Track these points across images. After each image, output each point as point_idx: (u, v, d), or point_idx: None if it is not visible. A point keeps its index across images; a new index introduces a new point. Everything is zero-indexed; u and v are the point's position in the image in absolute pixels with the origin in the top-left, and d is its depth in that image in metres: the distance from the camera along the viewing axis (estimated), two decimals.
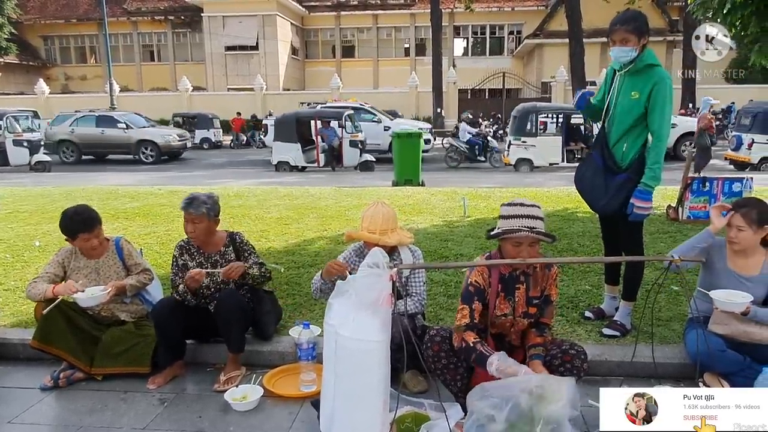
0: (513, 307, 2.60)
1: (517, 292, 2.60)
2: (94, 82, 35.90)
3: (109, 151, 18.27)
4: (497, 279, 2.59)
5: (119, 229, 6.58)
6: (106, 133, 17.74)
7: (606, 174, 3.41)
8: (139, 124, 18.43)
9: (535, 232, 2.43)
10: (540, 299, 2.63)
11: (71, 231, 3.23)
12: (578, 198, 8.05)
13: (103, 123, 17.93)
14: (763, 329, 2.86)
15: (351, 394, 2.20)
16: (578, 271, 4.60)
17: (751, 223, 2.86)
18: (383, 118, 17.65)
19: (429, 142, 17.34)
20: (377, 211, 3.04)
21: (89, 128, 17.82)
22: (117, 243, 3.43)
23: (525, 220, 2.46)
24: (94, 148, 18.13)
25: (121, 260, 3.41)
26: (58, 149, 17.76)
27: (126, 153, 17.89)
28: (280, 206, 7.94)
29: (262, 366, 3.33)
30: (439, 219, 6.84)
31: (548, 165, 13.65)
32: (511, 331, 2.65)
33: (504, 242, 2.53)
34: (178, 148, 18.67)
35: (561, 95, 26.85)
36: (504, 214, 2.53)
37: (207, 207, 3.25)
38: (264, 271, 3.38)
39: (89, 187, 10.43)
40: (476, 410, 2.27)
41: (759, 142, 12.69)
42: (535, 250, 2.49)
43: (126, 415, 2.88)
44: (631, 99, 3.29)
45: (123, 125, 17.78)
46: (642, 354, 3.01)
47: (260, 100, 28.50)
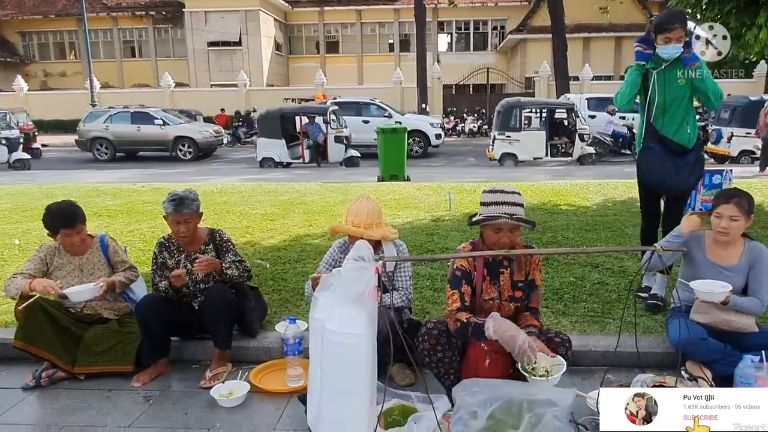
0: (499, 291, 2.66)
1: (501, 276, 2.66)
2: (74, 79, 35.27)
3: (146, 148, 17.74)
4: (482, 264, 2.64)
5: (101, 226, 6.49)
6: (142, 130, 17.19)
7: (674, 158, 3.63)
8: (175, 120, 17.94)
9: (514, 219, 2.48)
10: (525, 283, 2.69)
11: (53, 226, 3.18)
12: (562, 192, 8.17)
13: (138, 119, 17.36)
14: (743, 317, 2.92)
15: (338, 388, 2.20)
16: (563, 264, 4.64)
17: (744, 212, 2.90)
18: (394, 113, 17.44)
19: (440, 137, 17.26)
20: (362, 205, 3.03)
21: (125, 125, 17.28)
22: (102, 240, 3.39)
23: (504, 207, 2.51)
24: (129, 145, 17.58)
25: (106, 257, 3.37)
26: (91, 147, 17.29)
27: (163, 150, 17.36)
28: (265, 202, 7.89)
29: (249, 362, 3.31)
30: (425, 213, 6.85)
31: (533, 159, 13.73)
32: None
33: (485, 228, 2.59)
34: (215, 145, 18.24)
35: (544, 90, 26.99)
36: (484, 200, 2.58)
37: (196, 204, 3.23)
38: (243, 271, 3.34)
39: (70, 184, 10.27)
40: (463, 405, 2.29)
41: (738, 135, 12.89)
42: (515, 236, 2.55)
43: (110, 413, 2.84)
44: (679, 85, 3.52)
45: (160, 121, 17.25)
46: (625, 344, 3.04)
47: (244, 97, 28.24)
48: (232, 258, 3.35)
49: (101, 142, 17.35)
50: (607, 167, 13.03)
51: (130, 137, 17.31)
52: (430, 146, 17.00)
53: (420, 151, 16.74)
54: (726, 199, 2.94)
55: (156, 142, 17.35)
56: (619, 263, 4.61)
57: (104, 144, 17.34)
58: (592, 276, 4.35)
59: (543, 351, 2.46)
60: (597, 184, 8.81)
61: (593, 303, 3.83)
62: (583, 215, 6.56)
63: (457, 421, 2.25)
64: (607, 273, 4.41)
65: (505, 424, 2.22)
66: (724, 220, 2.92)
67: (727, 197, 2.95)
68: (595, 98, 16.91)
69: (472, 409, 2.26)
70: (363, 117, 17.09)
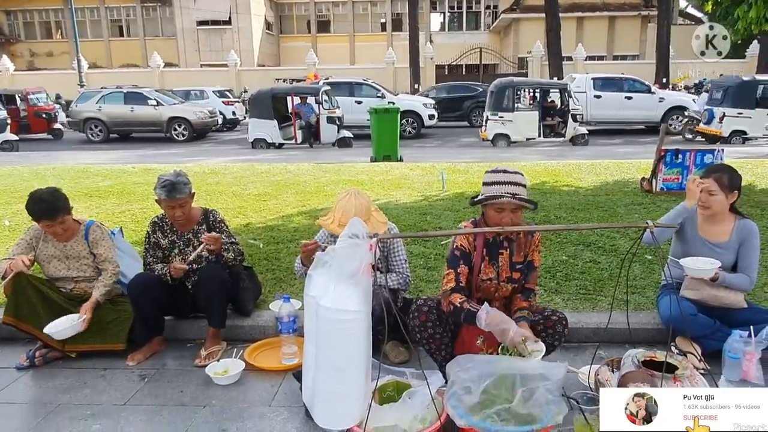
0: (497, 272, 2.66)
1: (500, 257, 2.66)
2: (61, 59, 34.69)
3: (139, 129, 17.45)
4: (482, 244, 2.64)
5: (92, 207, 6.45)
6: (135, 111, 16.88)
7: None
8: (168, 100, 17.62)
9: (517, 199, 2.47)
10: (523, 264, 2.69)
11: (34, 215, 3.13)
12: (555, 172, 8.18)
13: (132, 100, 17.03)
14: (732, 293, 2.96)
15: (333, 364, 2.20)
16: (555, 242, 4.67)
17: (723, 187, 2.92)
18: (387, 94, 17.21)
19: (433, 117, 17.05)
20: (350, 203, 2.95)
21: (118, 106, 16.96)
22: (87, 228, 3.31)
23: (507, 186, 2.50)
24: (123, 126, 17.28)
25: (89, 246, 3.32)
26: (84, 128, 17.00)
27: (157, 131, 17.09)
28: (258, 183, 7.85)
29: (243, 340, 3.33)
30: (418, 193, 6.85)
31: (525, 140, 13.71)
32: (495, 296, 2.70)
33: (487, 208, 2.58)
34: (209, 125, 17.99)
35: (537, 70, 26.87)
36: (487, 180, 2.57)
37: (188, 187, 3.19)
38: (237, 254, 3.33)
39: (60, 165, 10.16)
40: (457, 380, 2.31)
41: (729, 115, 12.92)
42: (517, 216, 2.54)
43: (106, 391, 2.85)
44: None
45: (153, 102, 16.94)
46: (617, 321, 3.07)
47: (234, 77, 27.93)
48: (225, 239, 3.33)
49: (94, 123, 17.06)
50: (599, 147, 13.04)
51: (123, 118, 17.03)
52: (423, 127, 16.92)
53: (413, 132, 16.64)
54: (707, 173, 3.00)
55: (150, 123, 17.06)
56: (611, 242, 4.64)
57: (98, 125, 17.07)
58: (585, 254, 4.38)
59: (529, 335, 2.47)
60: (590, 165, 8.83)
61: (585, 281, 3.87)
62: (576, 195, 6.59)
63: (451, 396, 2.28)
64: (599, 252, 4.44)
65: (498, 398, 2.24)
66: (703, 194, 2.97)
67: (710, 172, 3.00)
68: (601, 78, 16.73)
69: (465, 384, 2.29)
70: (356, 97, 16.88)
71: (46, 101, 17.94)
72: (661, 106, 15.84)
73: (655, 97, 16.00)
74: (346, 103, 16.07)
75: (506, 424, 2.15)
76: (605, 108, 15.91)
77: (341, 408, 2.22)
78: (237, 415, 2.60)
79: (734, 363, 2.75)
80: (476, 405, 2.22)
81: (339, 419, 2.23)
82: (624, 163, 9.00)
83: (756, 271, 3.00)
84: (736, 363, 2.75)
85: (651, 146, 8.63)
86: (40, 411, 2.68)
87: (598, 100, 15.96)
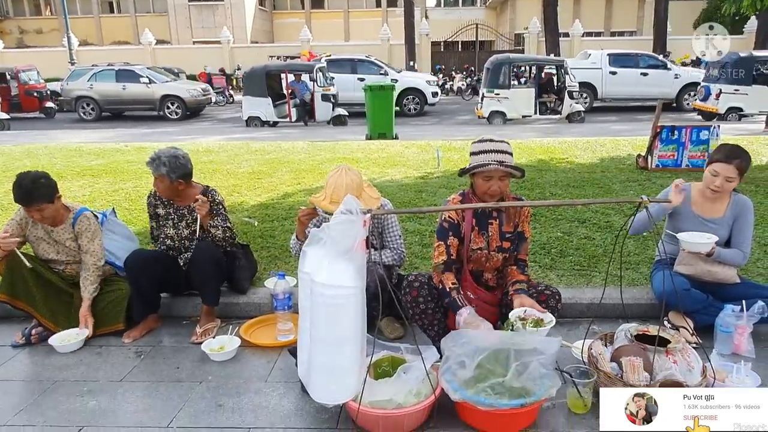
0: (487, 241, 2.67)
1: (490, 227, 2.68)
2: (51, 36, 34.14)
3: (132, 107, 17.22)
4: (471, 214, 2.66)
5: (85, 186, 6.41)
6: (128, 89, 16.63)
7: None
8: (161, 78, 17.36)
9: (504, 166, 2.48)
10: (513, 234, 2.71)
11: (15, 199, 3.07)
12: (550, 149, 8.16)
13: (123, 77, 16.77)
14: (726, 269, 2.98)
15: (328, 340, 2.21)
16: (550, 219, 4.68)
17: (741, 173, 2.88)
18: (390, 71, 16.93)
19: (437, 95, 16.85)
20: (340, 179, 2.89)
21: (109, 83, 16.70)
22: (76, 216, 3.22)
23: (493, 154, 2.51)
24: (115, 104, 17.03)
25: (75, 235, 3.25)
26: (76, 106, 16.76)
27: (150, 109, 16.91)
28: (252, 161, 7.81)
29: (239, 317, 3.34)
30: (414, 171, 6.83)
31: (521, 117, 13.64)
32: (486, 266, 2.71)
33: (475, 178, 2.60)
34: (203, 103, 17.75)
35: (534, 47, 26.63)
36: (474, 150, 2.59)
37: (166, 169, 3.14)
38: (228, 236, 3.31)
39: (51, 144, 10.06)
40: (452, 355, 2.33)
41: (726, 92, 12.86)
42: (505, 184, 2.56)
43: (102, 368, 2.86)
44: None
45: (146, 80, 16.70)
46: (610, 296, 3.09)
47: (227, 54, 27.58)
48: (221, 223, 3.32)
49: (86, 102, 16.83)
50: (595, 125, 13.00)
51: (115, 96, 16.79)
52: (426, 104, 16.65)
53: (416, 110, 16.40)
54: (728, 159, 2.86)
55: (142, 101, 16.86)
56: (606, 218, 4.65)
57: (90, 104, 16.83)
58: (579, 231, 4.39)
59: (533, 307, 2.50)
60: (585, 142, 8.81)
61: (580, 257, 3.88)
62: (571, 172, 6.58)
63: (446, 371, 2.30)
64: (593, 228, 4.45)
65: (492, 372, 2.26)
66: (719, 179, 2.89)
67: (729, 158, 2.87)
68: (617, 54, 16.45)
69: (460, 359, 2.30)
70: (358, 74, 16.56)
71: (37, 79, 17.67)
72: (677, 83, 15.75)
73: (671, 73, 15.86)
74: (348, 81, 15.84)
75: (500, 398, 2.17)
76: (621, 84, 15.75)
77: (337, 383, 2.24)
78: (233, 391, 2.61)
79: (726, 337, 2.78)
80: (471, 379, 2.25)
81: (334, 394, 2.25)
82: (620, 140, 8.98)
83: (749, 246, 3.01)
84: (728, 337, 2.78)
85: (647, 123, 8.61)
86: (36, 388, 2.69)
87: (613, 76, 15.80)
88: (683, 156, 6.58)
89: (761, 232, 4.23)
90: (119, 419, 2.42)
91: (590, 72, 15.66)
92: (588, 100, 15.81)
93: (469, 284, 2.68)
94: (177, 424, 2.36)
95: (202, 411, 2.46)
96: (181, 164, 3.20)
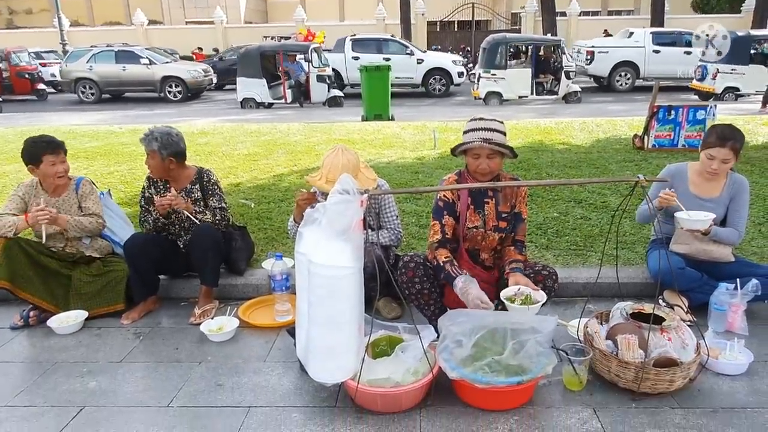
0: (483, 220, 2.68)
1: (486, 206, 2.68)
2: (41, 17, 33.61)
3: (132, 89, 16.95)
4: (467, 192, 2.66)
5: (80, 168, 6.37)
6: (128, 70, 16.40)
7: None
8: (161, 59, 17.11)
9: (490, 143, 2.48)
10: (510, 214, 2.71)
11: (34, 155, 3.09)
12: (547, 130, 8.14)
13: (123, 59, 16.53)
14: (721, 247, 3.00)
15: (326, 320, 2.22)
16: (547, 200, 4.69)
17: (736, 153, 2.89)
18: (416, 50, 16.72)
19: (462, 75, 16.58)
20: (337, 159, 2.90)
21: (109, 65, 16.45)
22: (78, 183, 3.30)
23: (481, 132, 2.52)
24: (115, 86, 16.67)
25: (78, 200, 3.28)
26: (75, 88, 16.51)
27: (151, 91, 16.66)
28: (248, 143, 7.77)
29: (237, 299, 3.35)
30: (410, 152, 6.81)
31: (518, 98, 13.58)
32: (483, 245, 2.71)
33: (467, 156, 2.61)
34: (204, 84, 17.49)
35: (531, 26, 26.39)
36: (465, 129, 2.60)
37: (158, 144, 3.13)
38: (221, 219, 3.29)
39: (44, 127, 9.97)
40: (449, 334, 2.34)
41: (723, 72, 12.81)
42: (495, 163, 2.55)
43: (101, 349, 2.87)
44: None
45: (146, 61, 16.45)
46: (606, 275, 3.11)
47: (221, 34, 27.23)
48: (215, 204, 3.30)
49: (86, 84, 16.59)
50: (592, 105, 12.96)
51: (115, 77, 16.53)
52: (452, 85, 16.40)
53: (442, 90, 16.22)
54: (722, 141, 2.87)
55: (143, 82, 16.60)
56: (602, 198, 4.66)
57: (89, 85, 16.58)
58: (576, 211, 4.40)
59: (528, 285, 2.50)
60: (582, 122, 8.79)
61: (576, 237, 3.90)
62: (568, 153, 6.58)
63: (443, 350, 2.32)
64: (589, 208, 4.47)
65: (489, 351, 2.28)
66: (716, 162, 2.90)
67: (723, 140, 2.87)
68: (660, 32, 16.26)
69: (457, 338, 2.32)
70: (383, 54, 16.27)
71: (28, 61, 17.43)
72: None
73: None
74: (374, 60, 15.69)
75: (497, 376, 2.19)
76: (664, 63, 15.62)
77: (335, 362, 2.25)
78: (232, 371, 2.63)
79: (720, 315, 2.81)
80: (468, 357, 2.27)
81: (333, 373, 2.27)
82: (616, 120, 8.96)
83: (745, 225, 3.03)
84: (722, 315, 2.81)
85: (643, 104, 8.58)
86: (36, 369, 2.71)
87: (656, 55, 15.73)
88: (680, 136, 6.58)
89: (756, 211, 4.25)
90: (120, 399, 2.44)
91: (632, 50, 15.63)
92: (630, 79, 15.82)
93: (466, 263, 2.69)
94: (177, 404, 2.39)
95: (202, 391, 2.48)
96: (174, 141, 3.19)
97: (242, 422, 2.24)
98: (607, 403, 2.28)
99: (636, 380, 2.27)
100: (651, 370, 2.25)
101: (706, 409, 2.23)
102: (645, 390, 2.28)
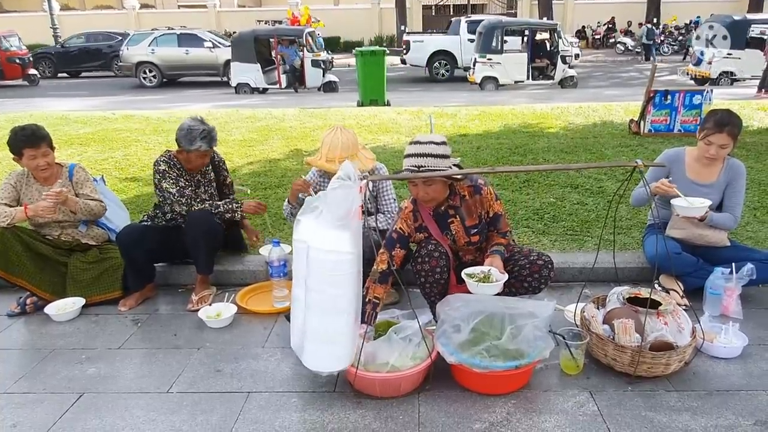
0: (453, 240, 2.63)
1: (452, 225, 2.61)
2: (31, 0, 33.08)
3: (194, 72, 16.73)
4: (428, 216, 2.59)
5: (74, 155, 6.32)
6: (191, 54, 16.18)
7: None
8: (224, 42, 16.82)
9: (418, 171, 2.39)
10: (480, 225, 2.62)
11: (15, 148, 3.06)
12: (543, 115, 8.13)
13: (186, 42, 16.31)
14: (717, 232, 3.01)
15: (324, 306, 2.22)
16: (543, 185, 4.69)
17: (734, 138, 2.90)
18: None
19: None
20: (336, 138, 2.91)
21: (171, 48, 16.23)
22: (71, 169, 3.27)
23: (413, 159, 2.43)
24: (177, 69, 16.53)
25: (73, 188, 3.25)
26: (137, 72, 16.29)
27: (214, 74, 16.48)
28: (243, 128, 7.72)
29: (235, 285, 3.35)
30: (406, 137, 6.79)
31: (514, 83, 13.53)
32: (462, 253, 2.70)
33: (408, 183, 2.54)
34: None
35: (527, 10, 26.21)
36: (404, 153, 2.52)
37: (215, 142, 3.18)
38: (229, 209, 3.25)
39: (37, 112, 9.87)
40: (447, 319, 2.35)
41: (719, 56, 12.79)
42: (434, 189, 2.46)
43: (99, 336, 2.88)
44: None
45: (209, 44, 16.22)
46: (603, 260, 3.14)
47: (214, 18, 26.93)
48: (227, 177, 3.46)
49: (148, 68, 16.33)
50: (588, 90, 12.93)
51: (178, 61, 16.31)
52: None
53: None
54: (719, 127, 2.87)
55: (206, 65, 16.41)
56: (598, 184, 4.67)
57: (151, 69, 16.34)
58: (572, 196, 4.41)
59: (498, 267, 2.47)
60: (578, 107, 8.77)
61: (572, 222, 3.91)
62: (564, 138, 6.57)
63: (442, 335, 2.33)
64: (586, 193, 4.48)
65: (487, 335, 2.30)
66: (713, 148, 2.91)
67: (720, 125, 2.87)
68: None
69: (455, 323, 2.34)
70: None
71: (18, 46, 17.20)
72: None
73: None
74: None
75: (495, 360, 2.21)
76: None
77: (331, 350, 2.24)
78: (231, 357, 2.64)
79: (715, 299, 2.84)
80: (466, 342, 2.28)
81: (329, 362, 2.26)
82: (612, 105, 8.95)
83: (740, 210, 3.05)
84: (717, 299, 2.83)
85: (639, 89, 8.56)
86: (35, 356, 2.71)
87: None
88: (676, 121, 6.58)
89: (751, 196, 4.28)
90: (119, 385, 2.44)
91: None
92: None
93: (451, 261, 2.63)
94: (177, 389, 2.39)
95: (201, 376, 2.49)
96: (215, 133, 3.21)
97: (242, 407, 2.25)
98: (603, 387, 2.31)
99: (632, 364, 2.29)
100: (647, 354, 2.27)
101: (701, 391, 2.26)
102: (641, 373, 2.31)
